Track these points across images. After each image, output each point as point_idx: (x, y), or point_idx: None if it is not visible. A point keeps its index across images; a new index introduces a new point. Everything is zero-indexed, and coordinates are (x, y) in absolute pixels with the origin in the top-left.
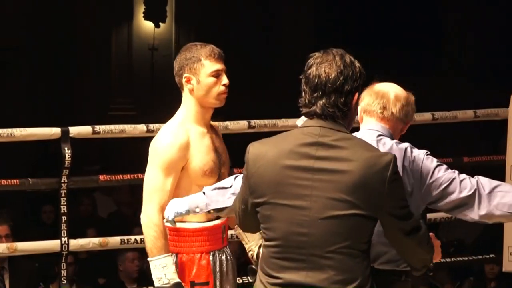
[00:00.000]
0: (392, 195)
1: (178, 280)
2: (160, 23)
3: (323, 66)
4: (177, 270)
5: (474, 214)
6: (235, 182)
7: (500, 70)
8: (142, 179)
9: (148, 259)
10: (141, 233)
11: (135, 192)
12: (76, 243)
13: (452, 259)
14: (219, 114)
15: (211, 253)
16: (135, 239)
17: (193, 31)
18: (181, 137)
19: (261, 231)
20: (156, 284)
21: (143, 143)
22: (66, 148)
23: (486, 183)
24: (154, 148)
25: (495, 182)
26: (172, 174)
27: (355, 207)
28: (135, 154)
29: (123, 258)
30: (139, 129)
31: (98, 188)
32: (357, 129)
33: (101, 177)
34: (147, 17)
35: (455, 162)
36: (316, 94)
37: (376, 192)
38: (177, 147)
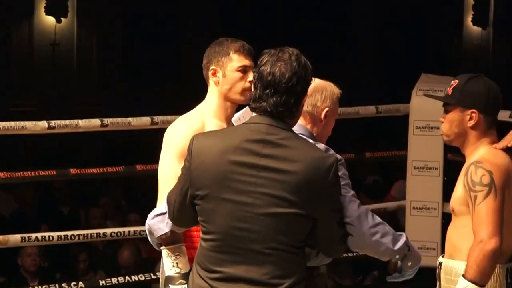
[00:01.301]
0: (331, 198)
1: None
2: (62, 18)
3: (278, 64)
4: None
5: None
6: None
7: (401, 66)
8: (43, 176)
9: (161, 247)
10: (46, 231)
11: (39, 189)
12: None
13: (355, 254)
14: (122, 111)
15: None
16: (36, 237)
17: (95, 26)
18: (195, 125)
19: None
20: (167, 273)
21: (44, 139)
22: None
23: (370, 218)
24: (168, 136)
25: (378, 219)
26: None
27: (296, 206)
28: (35, 150)
29: (22, 252)
30: (40, 125)
31: None
32: None
33: (0, 174)
34: (48, 12)
35: (357, 157)
36: (268, 91)
37: (317, 193)
38: (191, 134)
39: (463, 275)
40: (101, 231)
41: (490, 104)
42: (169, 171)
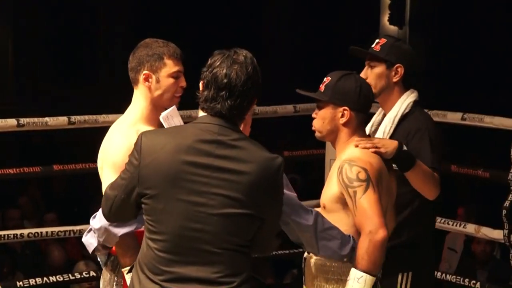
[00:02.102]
0: (279, 198)
1: None
2: None
3: (234, 67)
4: None
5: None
6: (93, 222)
7: (317, 65)
8: None
9: (124, 269)
10: None
11: None
12: None
13: (275, 253)
14: (38, 111)
15: None
16: None
17: (10, 23)
18: (132, 138)
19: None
20: None
21: None
22: None
23: (320, 222)
24: (105, 151)
25: (327, 224)
26: None
27: (247, 207)
28: None
29: None
30: None
31: None
32: None
33: None
34: None
35: None
36: (223, 93)
37: (267, 194)
38: (126, 148)
39: (354, 266)
40: (18, 232)
41: (361, 102)
42: None
